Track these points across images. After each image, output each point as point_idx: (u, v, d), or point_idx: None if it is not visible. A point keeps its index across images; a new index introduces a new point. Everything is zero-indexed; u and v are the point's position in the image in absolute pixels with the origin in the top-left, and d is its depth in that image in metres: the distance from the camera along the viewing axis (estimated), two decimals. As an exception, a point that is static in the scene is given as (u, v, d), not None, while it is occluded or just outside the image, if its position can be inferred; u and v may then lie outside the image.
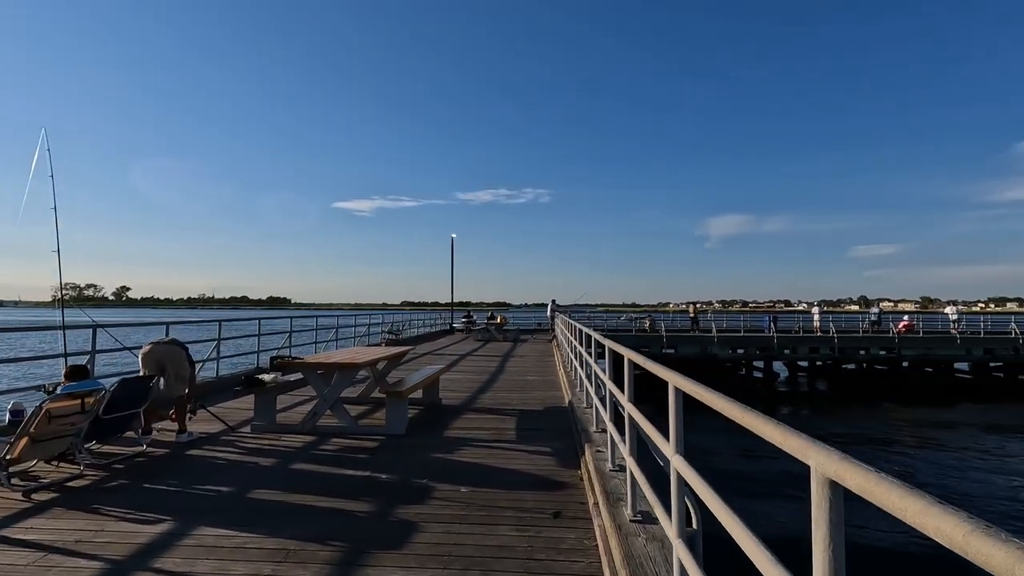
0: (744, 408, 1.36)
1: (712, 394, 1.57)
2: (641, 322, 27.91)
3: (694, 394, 1.74)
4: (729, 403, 1.45)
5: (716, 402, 1.54)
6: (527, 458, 4.88)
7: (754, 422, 1.28)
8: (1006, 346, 22.22)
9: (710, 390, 1.61)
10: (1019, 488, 10.12)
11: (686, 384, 1.83)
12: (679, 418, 2.02)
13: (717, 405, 1.54)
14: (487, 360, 13.51)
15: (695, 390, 1.72)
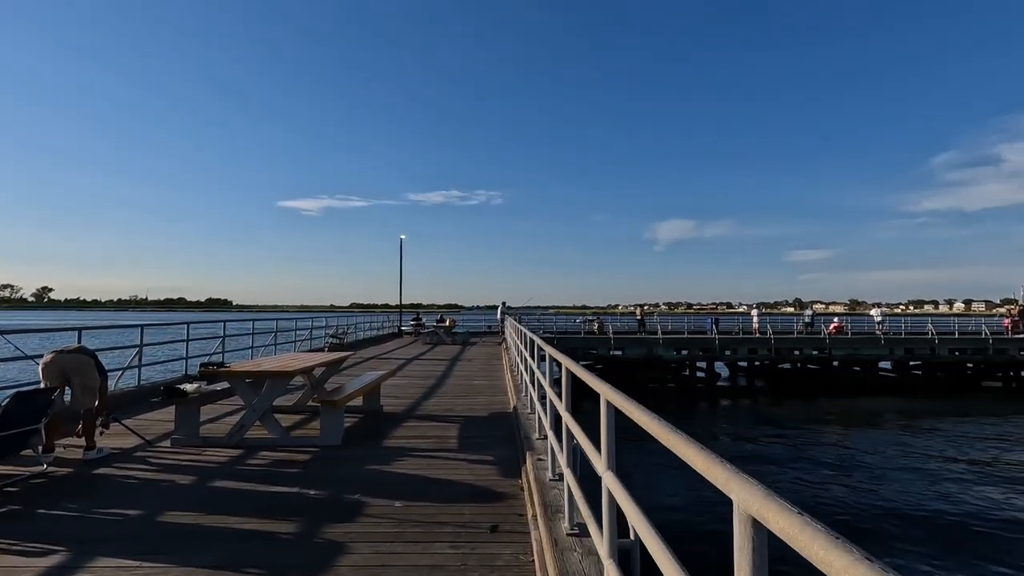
0: (670, 429, 1.27)
1: (641, 411, 1.49)
2: (590, 324, 28.23)
3: (624, 410, 1.65)
4: (656, 422, 1.36)
5: (644, 420, 1.46)
6: (468, 468, 4.73)
7: (679, 444, 1.19)
8: (923, 346, 23.82)
9: (640, 407, 1.53)
10: (929, 470, 10.87)
11: (617, 399, 1.74)
12: (611, 433, 1.94)
13: (644, 422, 1.46)
14: (434, 364, 13.26)
15: (625, 405, 1.63)
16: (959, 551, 7.63)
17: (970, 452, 12.89)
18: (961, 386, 23.46)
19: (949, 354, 23.69)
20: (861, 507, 9.29)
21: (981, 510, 9.13)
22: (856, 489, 10.21)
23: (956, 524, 8.55)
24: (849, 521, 8.67)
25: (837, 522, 8.62)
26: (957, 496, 9.80)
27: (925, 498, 9.71)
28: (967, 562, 7.32)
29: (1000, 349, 23.59)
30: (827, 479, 10.84)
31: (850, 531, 8.28)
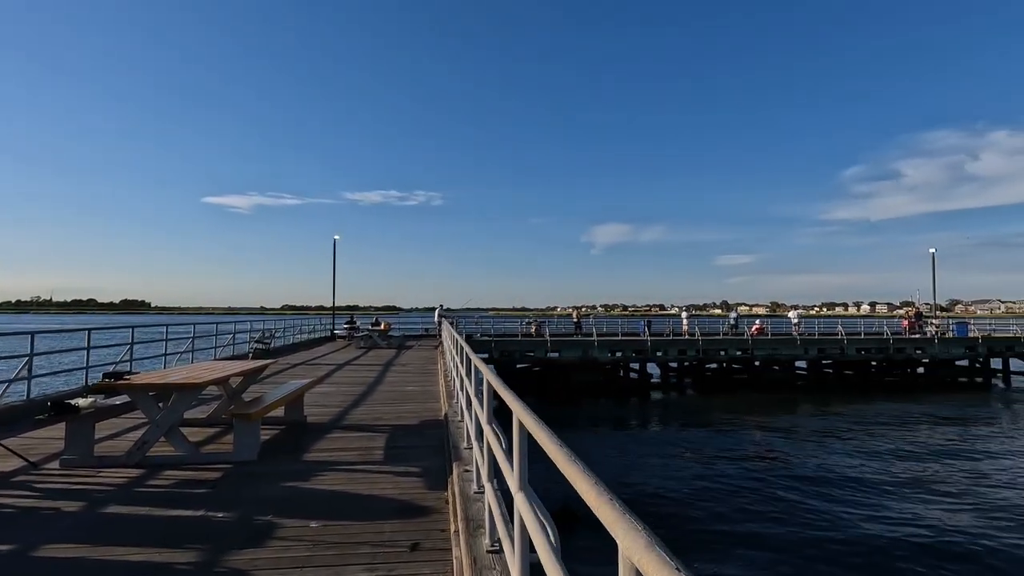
0: (569, 457, 1.22)
1: (547, 435, 1.43)
2: (528, 326, 28.40)
3: (531, 431, 1.59)
4: (558, 448, 1.31)
5: (548, 444, 1.40)
6: (393, 481, 4.57)
7: (575, 475, 1.14)
8: (834, 346, 25.64)
9: (546, 430, 1.47)
10: (833, 453, 11.68)
11: (527, 419, 1.68)
12: (523, 452, 1.87)
13: (547, 447, 1.40)
14: (366, 370, 12.86)
15: (533, 427, 1.58)
16: (864, 524, 8.22)
17: (872, 443, 13.96)
18: (866, 383, 25.43)
19: (856, 353, 25.61)
20: (774, 494, 9.82)
21: (883, 494, 9.89)
22: (770, 479, 10.80)
23: (863, 506, 9.22)
24: (758, 505, 9.15)
25: (752, 506, 9.08)
26: (862, 481, 10.58)
27: (831, 483, 10.41)
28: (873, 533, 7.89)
29: (899, 348, 25.75)
30: (747, 471, 11.39)
31: (759, 513, 8.74)
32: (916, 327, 27.81)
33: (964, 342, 26.46)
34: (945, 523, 8.82)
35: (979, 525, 8.79)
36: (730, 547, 8.00)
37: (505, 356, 23.46)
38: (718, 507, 9.56)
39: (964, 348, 26.35)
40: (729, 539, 8.27)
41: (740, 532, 8.52)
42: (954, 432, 15.51)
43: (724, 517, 9.11)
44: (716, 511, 9.37)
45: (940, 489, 10.53)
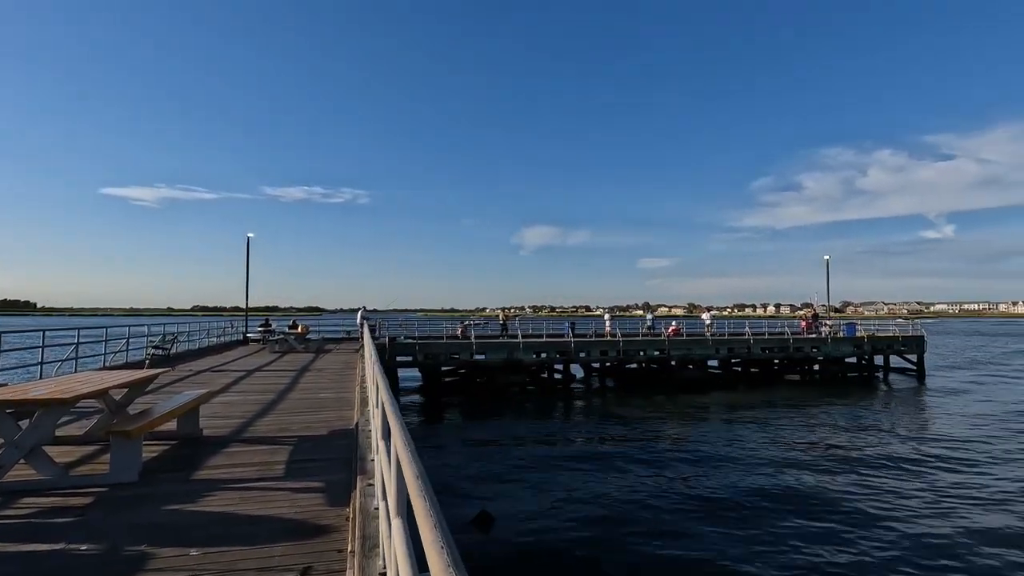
0: (421, 492, 1.12)
1: (409, 460, 1.33)
2: (465, 327, 28.16)
3: (401, 460, 1.49)
4: (414, 477, 1.21)
5: (407, 469, 1.30)
6: (291, 498, 4.29)
7: (420, 508, 1.05)
8: (742, 346, 27.38)
9: (410, 458, 1.37)
10: (744, 444, 12.43)
11: (399, 442, 1.57)
12: (401, 479, 1.76)
13: (406, 471, 1.30)
14: (277, 376, 12.19)
15: (404, 455, 1.47)
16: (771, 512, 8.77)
17: (775, 434, 14.99)
18: (770, 379, 27.35)
19: (761, 352, 27.47)
20: (686, 484, 10.29)
21: (786, 479, 10.62)
22: (679, 467, 11.31)
23: (767, 490, 9.84)
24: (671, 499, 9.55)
25: (669, 501, 9.45)
26: (766, 469, 11.30)
27: (740, 473, 11.05)
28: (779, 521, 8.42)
29: (798, 347, 27.90)
30: (662, 463, 11.86)
31: (672, 504, 9.11)
32: (813, 327, 30.23)
33: (852, 341, 29.08)
34: (836, 498, 9.61)
35: (863, 496, 9.64)
36: (644, 542, 8.26)
37: (430, 359, 23.13)
38: (631, 505, 9.86)
39: (852, 347, 28.96)
40: (643, 535, 8.54)
41: (658, 530, 8.82)
42: (843, 424, 16.96)
43: (637, 516, 9.41)
44: (629, 509, 9.66)
45: (828, 474, 11.47)
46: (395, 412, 2.06)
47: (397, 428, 1.70)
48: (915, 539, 8.41)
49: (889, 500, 10.10)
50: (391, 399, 2.33)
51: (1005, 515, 9.38)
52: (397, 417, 1.91)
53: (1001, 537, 8.50)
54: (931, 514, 9.45)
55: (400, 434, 1.59)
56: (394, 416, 1.97)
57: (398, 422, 1.78)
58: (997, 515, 9.38)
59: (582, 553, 7.88)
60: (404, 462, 1.37)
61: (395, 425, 1.77)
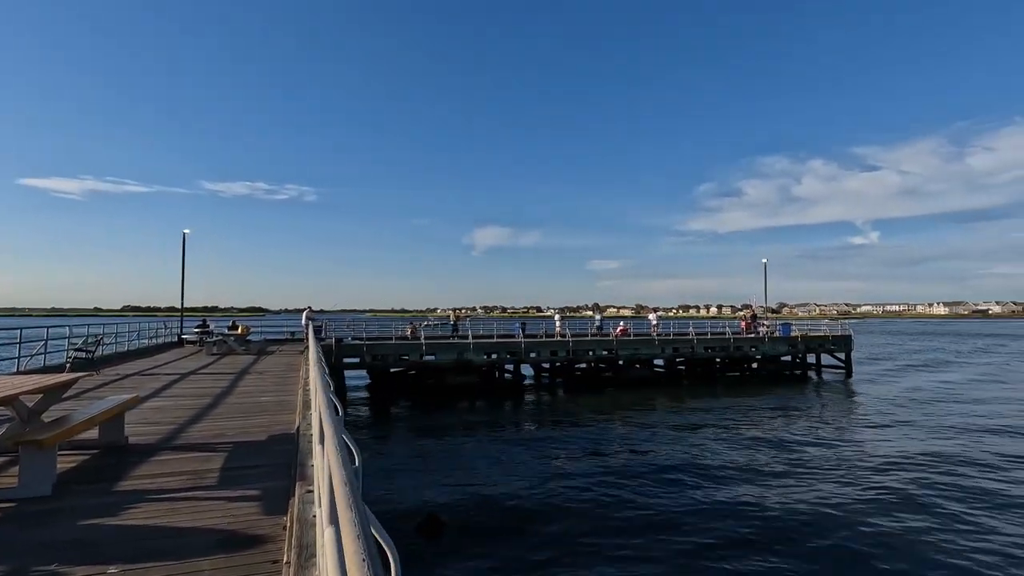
0: (347, 502, 1.06)
1: (337, 466, 1.26)
2: (404, 329, 27.79)
3: (330, 463, 1.42)
4: (341, 484, 1.14)
5: (335, 474, 1.23)
6: (225, 508, 4.07)
7: (344, 517, 0.99)
8: (686, 345, 28.30)
9: (340, 468, 1.30)
10: (689, 442, 12.84)
11: (331, 447, 1.50)
12: (335, 483, 1.68)
13: (335, 476, 1.24)
14: (214, 379, 11.61)
15: (333, 460, 1.40)
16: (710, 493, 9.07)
17: (718, 430, 15.56)
18: (712, 377, 28.39)
19: (704, 352, 28.47)
20: (633, 479, 10.52)
21: (724, 468, 11.03)
22: (628, 464, 11.56)
23: (707, 479, 10.18)
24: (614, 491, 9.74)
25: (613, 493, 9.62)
26: (708, 463, 11.71)
27: (686, 470, 11.39)
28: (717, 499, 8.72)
29: (738, 347, 29.09)
30: (611, 463, 12.07)
31: (614, 498, 9.29)
32: (752, 327, 31.60)
33: (787, 341, 30.59)
34: (763, 489, 10.07)
35: (797, 488, 10.15)
36: (589, 540, 8.36)
37: (378, 360, 22.69)
38: (584, 505, 9.98)
39: (788, 346, 30.47)
40: (592, 533, 8.65)
41: (611, 529, 8.95)
42: (778, 419, 17.81)
43: (590, 516, 9.53)
44: (582, 509, 9.78)
45: (764, 466, 12.01)
46: (329, 414, 1.97)
47: (330, 431, 1.62)
48: (828, 516, 8.93)
49: (814, 484, 10.69)
50: (327, 401, 2.24)
51: (917, 492, 10.10)
52: (331, 419, 1.82)
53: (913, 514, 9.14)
54: (849, 493, 10.07)
55: (332, 437, 1.51)
56: (328, 418, 1.88)
57: (332, 425, 1.70)
58: (915, 494, 10.09)
59: (534, 556, 7.89)
60: (332, 467, 1.31)
61: (328, 428, 1.69)
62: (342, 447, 1.44)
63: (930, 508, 9.77)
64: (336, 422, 1.65)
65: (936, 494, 10.47)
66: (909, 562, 7.70)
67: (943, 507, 9.78)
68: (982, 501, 10.16)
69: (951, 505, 9.88)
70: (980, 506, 9.88)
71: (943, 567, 7.56)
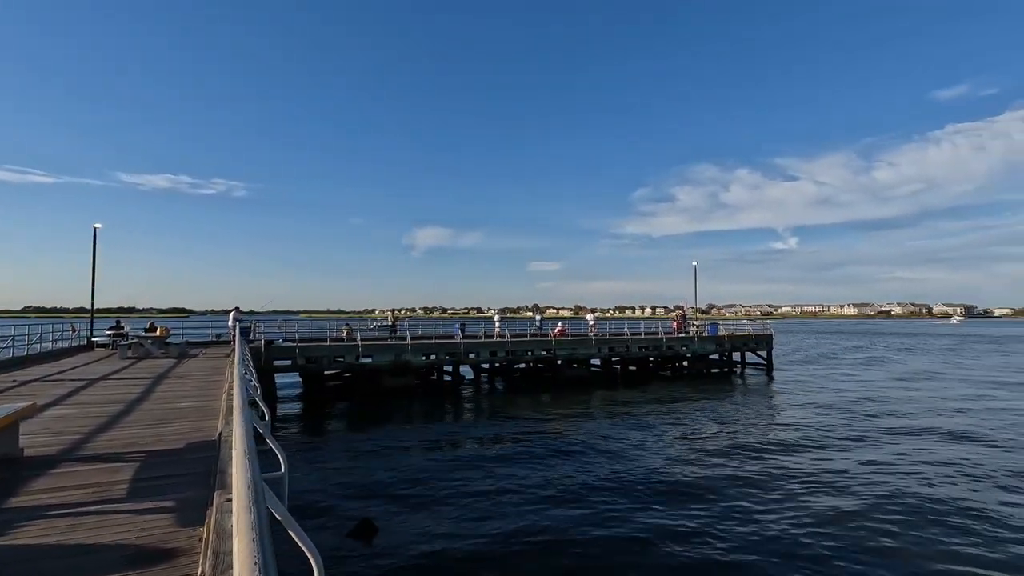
0: (246, 507, 1.03)
1: (240, 467, 1.21)
2: (340, 330, 27.01)
3: (235, 467, 1.36)
4: (242, 485, 1.11)
5: (236, 479, 1.19)
6: (133, 522, 3.80)
7: (241, 523, 0.96)
8: (621, 345, 29.17)
9: (244, 471, 1.26)
10: (623, 438, 13.24)
11: (239, 452, 1.44)
12: (246, 494, 1.62)
13: (236, 481, 1.20)
14: (128, 384, 10.83)
15: (238, 463, 1.35)
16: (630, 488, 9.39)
17: (650, 426, 16.13)
18: (645, 375, 29.41)
19: (638, 351, 29.45)
20: (570, 471, 10.73)
21: (654, 463, 11.45)
22: (564, 464, 11.78)
23: (634, 471, 10.52)
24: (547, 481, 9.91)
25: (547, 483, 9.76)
26: (640, 459, 12.11)
27: (621, 464, 11.73)
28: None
29: (670, 346, 30.30)
30: (547, 462, 12.25)
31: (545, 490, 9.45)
32: (683, 328, 33.00)
33: (715, 340, 32.18)
34: (696, 477, 10.56)
35: (717, 474, 10.71)
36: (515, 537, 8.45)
37: (312, 363, 21.93)
38: (521, 507, 10.06)
39: (715, 345, 32.05)
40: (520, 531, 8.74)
41: (546, 529, 9.06)
42: (706, 412, 18.70)
43: (526, 517, 9.62)
44: (519, 512, 9.85)
45: (692, 457, 12.58)
46: (242, 417, 1.89)
47: (239, 434, 1.56)
48: (743, 509, 9.50)
49: (736, 471, 11.33)
50: (241, 402, 2.15)
51: (825, 478, 10.92)
52: (243, 422, 1.75)
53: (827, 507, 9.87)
54: (769, 484, 10.75)
55: (241, 440, 1.46)
56: (240, 420, 1.81)
57: (242, 428, 1.63)
58: (824, 482, 10.89)
59: (471, 559, 7.86)
60: (236, 470, 1.26)
61: (238, 431, 1.62)
62: (251, 453, 1.39)
63: (843, 487, 10.62)
64: (247, 423, 1.59)
65: (841, 472, 11.38)
66: (814, 535, 8.30)
67: (846, 483, 10.63)
68: (881, 473, 11.31)
69: (851, 482, 10.76)
70: (878, 479, 10.85)
71: (857, 542, 8.20)
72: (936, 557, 7.90)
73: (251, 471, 1.10)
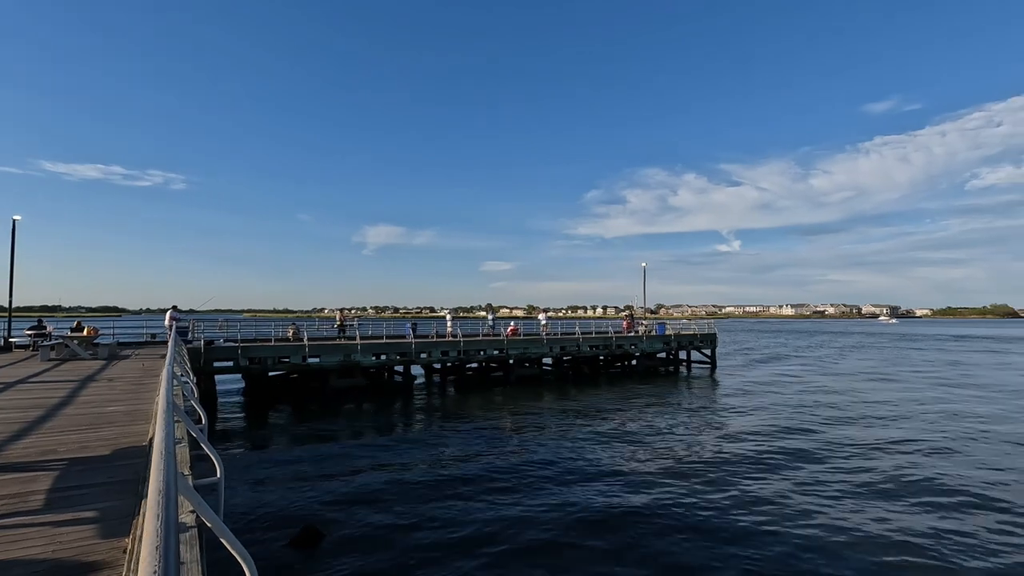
0: (154, 512, 0.98)
1: (156, 470, 1.15)
2: (286, 329, 26.17)
3: (152, 469, 1.29)
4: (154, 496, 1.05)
5: (152, 490, 1.13)
6: (50, 535, 3.55)
7: (148, 519, 0.91)
8: (573, 344, 29.59)
9: (160, 474, 1.19)
10: (571, 434, 13.43)
11: (156, 457, 1.36)
12: (158, 501, 1.53)
13: (151, 492, 1.13)
14: (50, 389, 10.11)
15: (154, 468, 1.27)
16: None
17: (600, 423, 16.43)
18: (596, 374, 29.94)
19: (589, 350, 29.94)
20: (519, 465, 10.77)
21: (604, 459, 11.66)
22: (515, 463, 11.84)
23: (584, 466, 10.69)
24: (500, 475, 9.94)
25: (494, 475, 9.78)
26: (591, 455, 12.31)
27: (571, 464, 11.89)
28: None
29: (619, 344, 30.96)
30: (496, 459, 12.27)
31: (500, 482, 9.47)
32: (632, 327, 33.79)
33: (663, 339, 33.13)
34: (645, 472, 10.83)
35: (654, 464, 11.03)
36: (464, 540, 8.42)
37: (256, 364, 21.13)
38: (471, 510, 10.02)
39: (663, 343, 32.99)
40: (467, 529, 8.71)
41: (500, 536, 9.05)
42: (653, 408, 19.23)
43: (476, 520, 9.58)
44: (468, 514, 9.81)
45: (640, 452, 12.91)
46: (164, 419, 1.79)
47: (160, 436, 1.47)
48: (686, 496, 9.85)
49: (682, 464, 11.72)
50: (165, 404, 2.04)
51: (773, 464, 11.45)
52: (165, 424, 1.66)
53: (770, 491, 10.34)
54: (715, 474, 11.17)
55: (160, 442, 1.38)
56: (162, 422, 1.71)
57: (163, 431, 1.55)
58: (764, 460, 11.41)
59: (418, 563, 7.76)
60: (152, 475, 1.19)
61: (159, 434, 1.53)
62: (169, 456, 1.31)
63: (776, 469, 11.20)
64: (169, 425, 1.51)
65: (782, 458, 11.95)
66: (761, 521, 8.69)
67: (787, 469, 11.18)
68: (814, 463, 11.95)
69: (793, 468, 11.33)
70: (812, 468, 11.45)
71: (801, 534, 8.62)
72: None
73: (165, 475, 1.04)
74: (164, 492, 1.01)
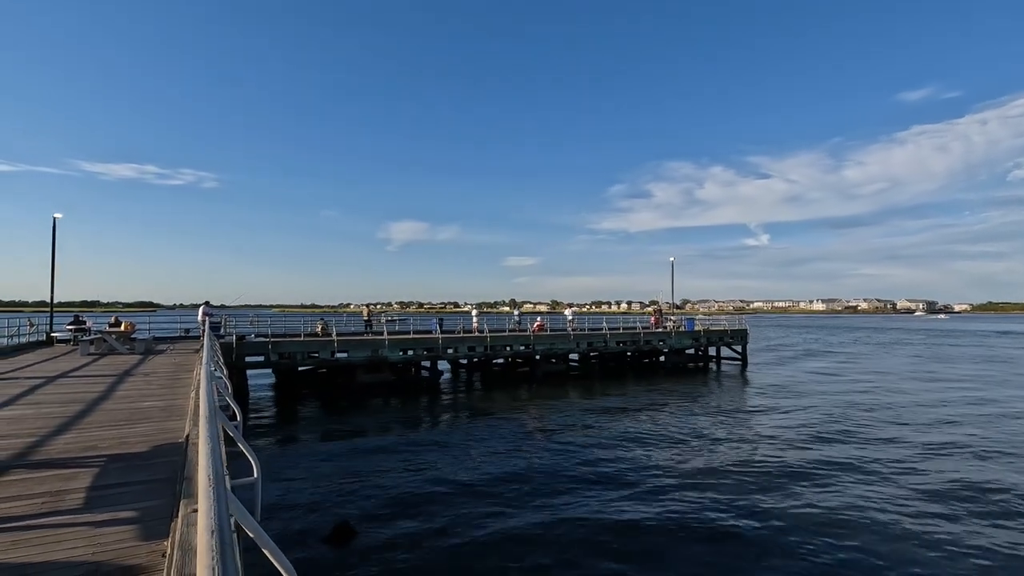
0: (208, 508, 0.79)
1: (205, 455, 0.96)
2: (315, 324, 26.42)
3: (200, 465, 1.11)
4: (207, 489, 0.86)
5: (202, 477, 0.94)
6: (90, 535, 3.46)
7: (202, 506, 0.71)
8: (600, 340, 29.20)
9: (207, 460, 1.01)
10: (601, 432, 13.16)
11: (203, 453, 1.18)
12: (212, 499, 1.36)
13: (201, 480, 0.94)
14: (89, 383, 10.27)
15: (202, 459, 1.09)
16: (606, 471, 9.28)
17: (629, 420, 16.11)
18: (623, 370, 29.51)
19: (616, 346, 29.52)
20: (544, 464, 10.57)
21: (637, 458, 11.38)
22: (545, 460, 11.64)
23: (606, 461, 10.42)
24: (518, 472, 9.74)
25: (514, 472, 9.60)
26: (622, 454, 12.04)
27: (602, 463, 11.64)
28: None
29: (647, 340, 30.46)
30: (529, 460, 12.09)
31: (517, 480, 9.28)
32: (660, 323, 33.23)
33: (692, 335, 32.49)
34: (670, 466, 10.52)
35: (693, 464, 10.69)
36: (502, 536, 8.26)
37: (285, 359, 21.35)
38: (503, 507, 9.86)
39: (692, 340, 32.36)
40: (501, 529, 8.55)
41: (533, 535, 8.87)
42: (685, 405, 18.80)
43: (510, 518, 9.42)
44: (501, 512, 9.65)
45: (675, 450, 12.58)
46: (208, 415, 1.63)
47: (204, 434, 1.30)
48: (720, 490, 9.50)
49: (716, 462, 11.35)
50: (207, 408, 1.87)
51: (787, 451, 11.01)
52: (209, 436, 1.49)
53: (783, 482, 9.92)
54: (743, 466, 10.79)
55: (206, 441, 1.20)
56: (205, 420, 1.55)
57: (208, 429, 1.38)
58: (801, 467, 10.98)
59: (456, 560, 7.63)
60: (200, 469, 1.01)
61: (204, 431, 1.36)
62: (218, 463, 1.14)
63: (821, 476, 10.73)
64: (213, 433, 1.33)
65: (824, 465, 11.48)
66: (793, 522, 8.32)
67: (832, 477, 10.73)
68: (851, 466, 11.49)
69: (836, 475, 10.86)
70: (850, 470, 10.97)
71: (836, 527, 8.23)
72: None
73: (216, 491, 0.88)
74: (216, 507, 0.82)
